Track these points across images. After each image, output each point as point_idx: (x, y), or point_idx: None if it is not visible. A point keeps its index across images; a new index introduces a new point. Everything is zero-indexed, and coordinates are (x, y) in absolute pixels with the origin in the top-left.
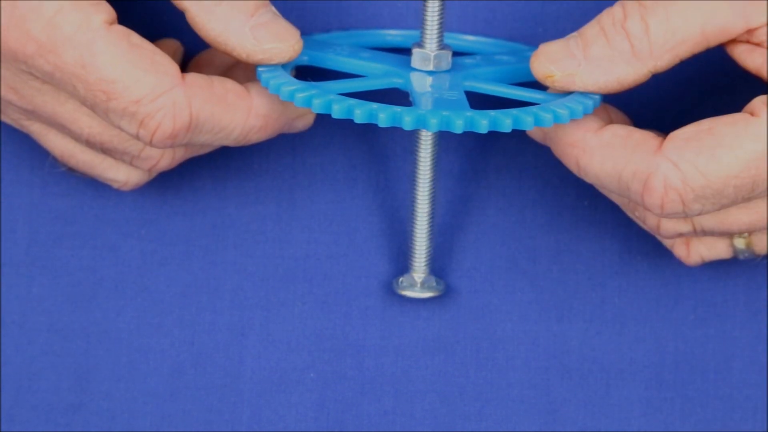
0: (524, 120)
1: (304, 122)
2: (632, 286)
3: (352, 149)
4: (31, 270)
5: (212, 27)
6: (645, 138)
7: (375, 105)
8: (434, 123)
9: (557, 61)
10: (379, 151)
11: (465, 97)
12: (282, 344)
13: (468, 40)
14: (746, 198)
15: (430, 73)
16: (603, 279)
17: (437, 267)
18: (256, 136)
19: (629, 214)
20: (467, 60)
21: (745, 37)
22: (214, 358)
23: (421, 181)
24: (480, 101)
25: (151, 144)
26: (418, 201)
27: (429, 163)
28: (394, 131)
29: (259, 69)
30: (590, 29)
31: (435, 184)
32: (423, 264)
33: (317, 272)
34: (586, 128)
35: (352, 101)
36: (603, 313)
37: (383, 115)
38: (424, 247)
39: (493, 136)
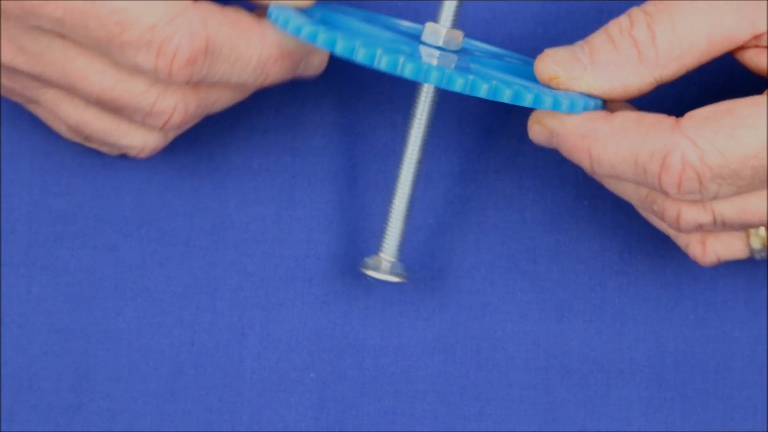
0: (524, 95)
1: (319, 59)
2: (632, 286)
3: (352, 149)
4: (31, 270)
5: None
6: (659, 119)
7: (379, 49)
8: (435, 76)
9: (563, 64)
10: (379, 151)
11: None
12: (282, 344)
13: (481, 46)
14: (763, 181)
15: (438, 48)
16: (603, 279)
17: (436, 267)
18: (273, 70)
19: (646, 212)
20: (477, 51)
21: (753, 43)
22: (214, 358)
23: (407, 159)
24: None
25: (170, 75)
26: (401, 180)
27: (417, 146)
28: (395, 131)
29: (271, 8)
30: (597, 37)
31: (420, 167)
32: (393, 247)
33: (317, 272)
34: (594, 118)
35: (357, 41)
36: (603, 313)
37: (386, 58)
38: (397, 230)
39: (494, 135)
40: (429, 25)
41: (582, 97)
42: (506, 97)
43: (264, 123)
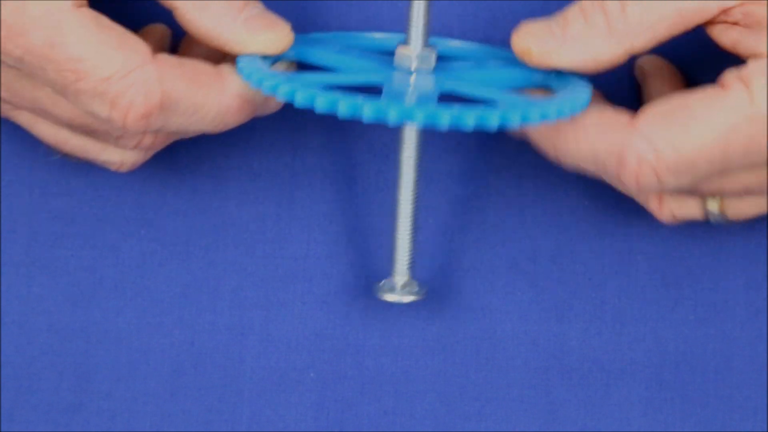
0: (490, 118)
1: (276, 102)
2: (632, 286)
3: (352, 149)
4: (31, 270)
5: (203, 23)
6: (617, 115)
7: (360, 98)
8: (394, 115)
9: (537, 38)
10: (378, 151)
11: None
12: (282, 344)
13: (457, 46)
14: (720, 171)
15: (411, 73)
16: (603, 279)
17: (436, 267)
18: (233, 119)
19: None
20: (456, 59)
21: (722, 18)
22: (214, 358)
23: (403, 183)
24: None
25: (124, 126)
26: (401, 203)
27: (411, 167)
28: (395, 131)
29: (239, 63)
30: (571, 10)
31: (417, 186)
32: (404, 267)
33: (317, 272)
34: None
35: (315, 91)
36: (603, 313)
37: (368, 109)
38: (406, 251)
39: (494, 135)
40: (400, 49)
41: (550, 105)
42: (470, 122)
43: (264, 123)
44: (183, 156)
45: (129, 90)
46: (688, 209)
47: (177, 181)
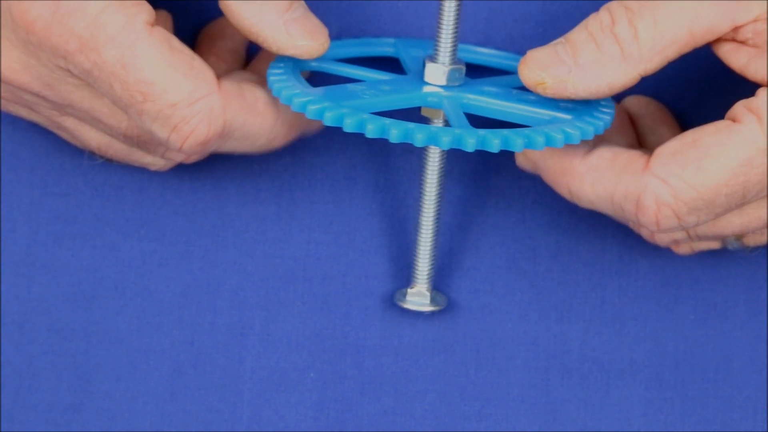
0: (514, 141)
1: (319, 124)
2: (632, 286)
3: (352, 149)
4: (31, 270)
5: (247, 18)
6: (631, 158)
7: (387, 120)
8: (434, 138)
9: (547, 68)
10: (379, 151)
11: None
12: (282, 344)
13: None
14: (739, 204)
15: (441, 87)
16: (603, 279)
17: (437, 267)
18: (278, 144)
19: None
20: (477, 71)
21: (731, 36)
22: (214, 358)
23: (426, 198)
24: (485, 120)
25: (180, 150)
26: (423, 215)
27: (435, 183)
28: None
29: (270, 77)
30: (578, 35)
31: (440, 200)
32: (426, 278)
33: (317, 272)
34: (572, 155)
35: (365, 116)
36: (603, 313)
37: (395, 131)
38: (428, 262)
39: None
40: (429, 66)
41: (584, 124)
42: (495, 146)
43: None
44: None
45: (194, 118)
46: (708, 243)
47: (177, 181)
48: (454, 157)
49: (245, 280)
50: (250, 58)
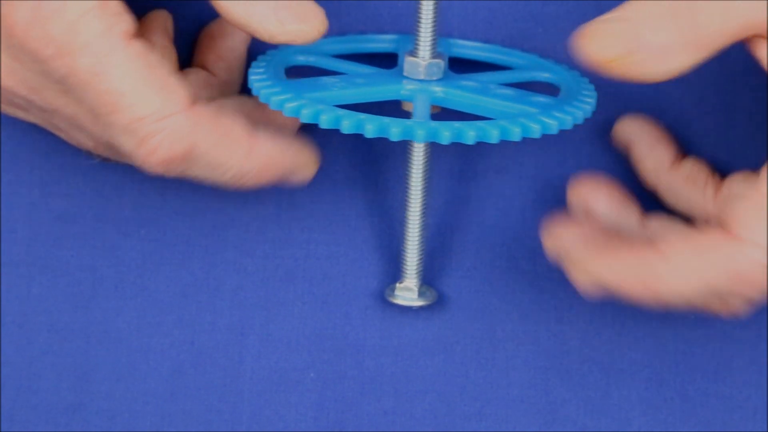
0: (489, 132)
1: (303, 175)
2: None
3: (352, 149)
4: (31, 270)
5: (235, 8)
6: (706, 234)
7: (362, 116)
8: (409, 132)
9: (611, 46)
10: (378, 152)
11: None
12: (282, 344)
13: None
14: None
15: (421, 82)
16: None
17: (437, 267)
18: (250, 181)
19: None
20: (459, 65)
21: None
22: (214, 358)
23: (412, 192)
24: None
25: (144, 164)
26: (410, 209)
27: (420, 177)
28: None
29: (251, 76)
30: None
31: (427, 195)
32: (414, 272)
33: (317, 272)
34: (644, 255)
35: (340, 111)
36: (603, 313)
37: (370, 126)
38: (416, 257)
39: None
40: (408, 60)
41: (558, 115)
42: (470, 138)
43: None
44: None
45: (159, 134)
46: None
47: (177, 181)
48: (454, 157)
49: (245, 280)
50: (251, 58)
